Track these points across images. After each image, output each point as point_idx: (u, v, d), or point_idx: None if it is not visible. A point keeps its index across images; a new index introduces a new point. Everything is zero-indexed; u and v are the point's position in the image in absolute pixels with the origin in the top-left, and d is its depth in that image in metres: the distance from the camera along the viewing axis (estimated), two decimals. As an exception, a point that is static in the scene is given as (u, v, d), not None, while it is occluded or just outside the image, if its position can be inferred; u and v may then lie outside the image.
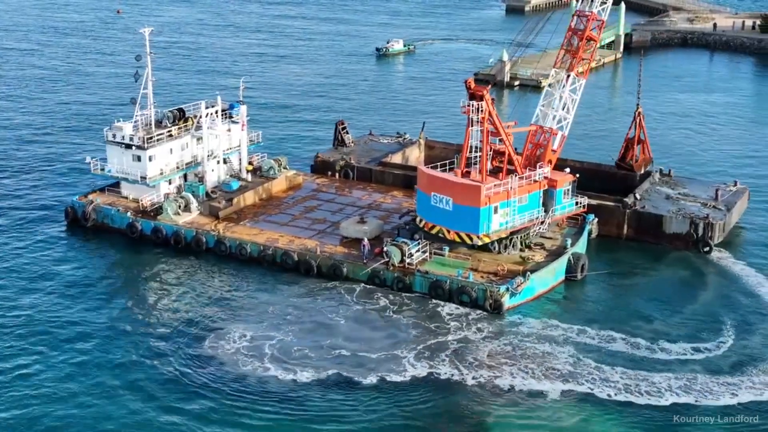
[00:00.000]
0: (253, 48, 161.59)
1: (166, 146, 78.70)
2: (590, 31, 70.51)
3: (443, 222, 68.42)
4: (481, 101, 66.56)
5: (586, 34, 70.53)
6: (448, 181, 68.04)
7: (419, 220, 70.53)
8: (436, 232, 69.06)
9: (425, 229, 69.66)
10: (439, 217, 68.60)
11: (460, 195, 67.09)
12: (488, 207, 66.83)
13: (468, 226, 67.44)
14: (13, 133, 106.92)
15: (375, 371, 56.67)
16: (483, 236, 67.49)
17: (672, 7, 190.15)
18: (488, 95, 67.26)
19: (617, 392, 54.76)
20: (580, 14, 70.87)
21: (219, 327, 62.02)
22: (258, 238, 72.81)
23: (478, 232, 67.31)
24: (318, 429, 51.43)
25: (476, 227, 67.22)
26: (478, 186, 66.66)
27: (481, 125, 67.09)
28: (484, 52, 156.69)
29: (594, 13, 70.24)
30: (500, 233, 68.20)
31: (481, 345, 60.14)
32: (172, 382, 55.66)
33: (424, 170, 70.81)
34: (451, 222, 67.95)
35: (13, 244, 74.96)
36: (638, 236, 76.26)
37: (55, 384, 55.24)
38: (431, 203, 68.62)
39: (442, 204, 67.92)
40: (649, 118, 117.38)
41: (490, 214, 67.13)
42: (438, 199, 68.12)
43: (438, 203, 68.17)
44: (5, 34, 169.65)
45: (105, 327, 62.19)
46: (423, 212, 70.29)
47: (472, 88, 67.06)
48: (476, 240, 67.60)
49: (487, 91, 67.14)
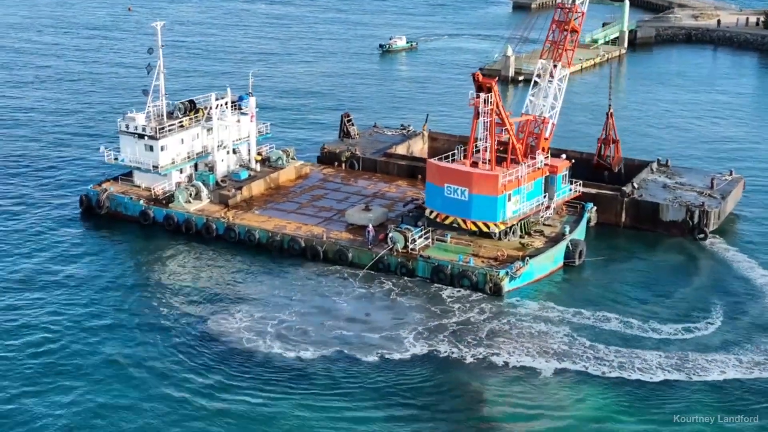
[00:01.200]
0: (261, 43, 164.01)
1: (178, 136, 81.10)
2: (573, 23, 72.82)
3: (458, 212, 70.23)
4: (489, 93, 68.77)
5: (571, 26, 72.89)
6: (464, 172, 69.77)
7: (430, 212, 72.09)
8: (450, 223, 70.96)
9: (438, 220, 71.33)
10: (453, 208, 70.33)
11: (477, 185, 69.00)
12: (504, 195, 69.22)
13: (485, 214, 69.53)
14: (29, 125, 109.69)
15: (377, 349, 58.92)
16: (500, 224, 69.81)
17: (677, 4, 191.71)
18: (496, 87, 69.56)
19: (610, 369, 56.92)
20: (561, 7, 73.29)
21: (227, 308, 64.41)
22: (266, 225, 75.18)
23: (495, 219, 69.57)
24: (321, 403, 53.58)
25: (494, 215, 69.47)
26: (495, 175, 68.89)
27: (489, 117, 69.29)
28: (488, 48, 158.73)
29: (576, 5, 72.71)
30: (514, 220, 70.70)
31: (480, 325, 62.37)
32: (181, 360, 57.89)
33: (436, 163, 72.25)
34: (466, 212, 69.86)
35: (29, 231, 77.38)
36: (636, 224, 78.38)
37: (67, 363, 57.40)
38: (444, 194, 70.31)
39: (456, 195, 69.74)
40: (652, 112, 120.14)
41: (505, 201, 69.47)
42: (452, 190, 69.90)
43: (452, 194, 69.97)
44: (20, 30, 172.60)
45: (117, 310, 64.50)
46: (434, 204, 71.72)
47: (479, 81, 69.20)
48: (493, 228, 69.81)
49: (494, 83, 69.44)
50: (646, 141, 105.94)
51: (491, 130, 69.73)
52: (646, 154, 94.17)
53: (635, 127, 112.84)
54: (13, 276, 69.10)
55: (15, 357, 57.98)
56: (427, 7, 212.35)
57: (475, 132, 70.35)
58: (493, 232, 70.11)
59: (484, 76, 71.63)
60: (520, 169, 70.67)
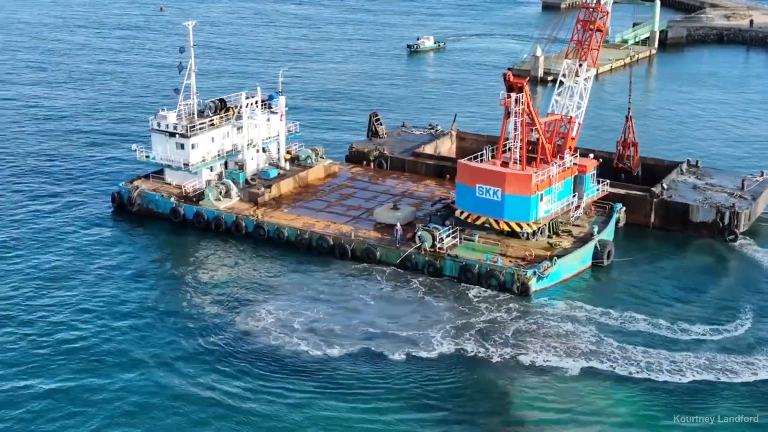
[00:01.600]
0: (290, 43, 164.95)
1: (208, 135, 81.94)
2: (598, 22, 72.60)
3: (490, 212, 70.16)
4: (520, 93, 68.81)
5: (596, 26, 72.68)
6: (497, 172, 69.68)
7: (460, 212, 72.00)
8: (482, 223, 70.97)
9: (469, 220, 71.27)
10: (485, 208, 70.22)
11: (510, 185, 68.96)
12: (537, 195, 69.34)
13: (518, 214, 69.61)
14: (63, 123, 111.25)
15: (404, 348, 59.14)
16: (533, 224, 69.93)
17: (709, 4, 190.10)
18: (527, 87, 69.59)
19: (638, 370, 56.74)
20: (586, 6, 73.01)
21: (255, 305, 64.96)
22: (295, 223, 75.76)
23: (528, 219, 69.65)
24: (347, 401, 53.82)
25: (527, 215, 69.53)
26: (529, 175, 68.94)
27: (520, 116, 69.32)
28: (517, 49, 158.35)
29: (602, 4, 72.46)
30: (546, 220, 70.84)
31: (507, 325, 62.42)
32: (208, 358, 58.37)
33: (467, 163, 72.04)
34: (499, 212, 69.83)
35: (63, 227, 78.56)
36: (665, 225, 78.00)
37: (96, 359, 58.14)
38: (476, 195, 70.23)
39: (489, 195, 69.73)
40: (682, 113, 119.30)
41: (537, 201, 69.61)
42: (484, 190, 69.86)
43: (484, 194, 69.93)
44: (54, 30, 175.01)
45: (146, 306, 65.23)
46: (465, 204, 71.52)
47: (510, 81, 69.24)
48: (526, 228, 69.89)
49: (526, 83, 69.48)
50: (675, 141, 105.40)
51: (523, 130, 69.74)
52: (676, 154, 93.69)
53: (665, 127, 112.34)
54: (45, 271, 70.15)
55: (47, 353, 58.80)
56: (456, 7, 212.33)
57: (505, 132, 70.35)
58: (525, 232, 70.13)
59: (513, 76, 71.61)
60: (552, 168, 70.68)
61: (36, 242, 75.37)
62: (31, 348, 59.23)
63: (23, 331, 61.34)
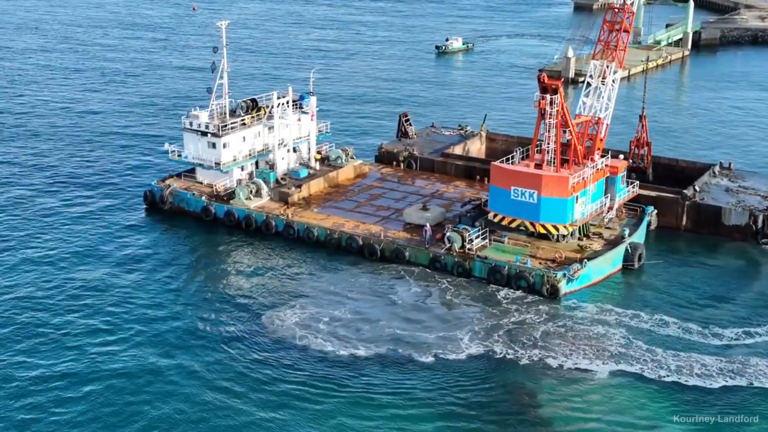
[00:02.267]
0: (320, 44, 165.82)
1: (240, 134, 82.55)
2: (624, 23, 72.14)
3: (526, 215, 69.92)
4: (555, 95, 68.65)
5: (623, 26, 72.21)
6: (534, 175, 69.40)
7: (494, 215, 71.73)
8: (517, 226, 70.73)
9: (504, 223, 71.00)
10: (521, 211, 69.98)
11: (547, 187, 68.76)
12: (573, 197, 69.22)
13: (555, 216, 69.45)
14: (97, 122, 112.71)
15: (432, 348, 59.17)
16: (569, 225, 69.81)
17: (743, 5, 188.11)
18: (562, 88, 69.39)
19: (668, 373, 56.30)
20: (613, 7, 72.46)
21: (283, 303, 65.32)
22: (325, 222, 76.08)
23: (565, 221, 69.53)
24: (376, 401, 53.93)
25: (564, 217, 69.42)
26: (566, 177, 68.79)
27: (555, 118, 69.12)
28: (547, 50, 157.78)
29: (628, 5, 71.98)
30: (582, 221, 70.76)
31: (536, 326, 62.26)
32: (236, 355, 58.72)
33: (502, 166, 71.58)
34: (535, 214, 69.62)
35: (97, 225, 79.54)
36: (697, 228, 77.37)
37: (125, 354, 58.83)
38: (511, 198, 69.95)
39: (524, 197, 69.50)
40: (715, 114, 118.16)
41: (574, 203, 69.57)
42: (520, 193, 69.65)
43: (520, 197, 69.71)
44: (88, 30, 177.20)
45: (177, 302, 65.94)
46: (499, 207, 71.16)
47: (545, 82, 69.14)
48: (562, 230, 69.78)
49: (560, 85, 69.26)
50: (708, 144, 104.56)
51: (558, 131, 69.54)
52: (708, 156, 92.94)
53: (698, 129, 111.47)
54: (79, 269, 71.04)
55: (78, 346, 59.67)
56: (487, 9, 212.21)
57: (538, 133, 70.13)
58: (562, 234, 70.00)
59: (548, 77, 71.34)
60: (586, 170, 70.50)
61: (69, 239, 76.38)
62: (64, 345, 60.05)
63: (57, 325, 62.27)
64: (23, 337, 60.58)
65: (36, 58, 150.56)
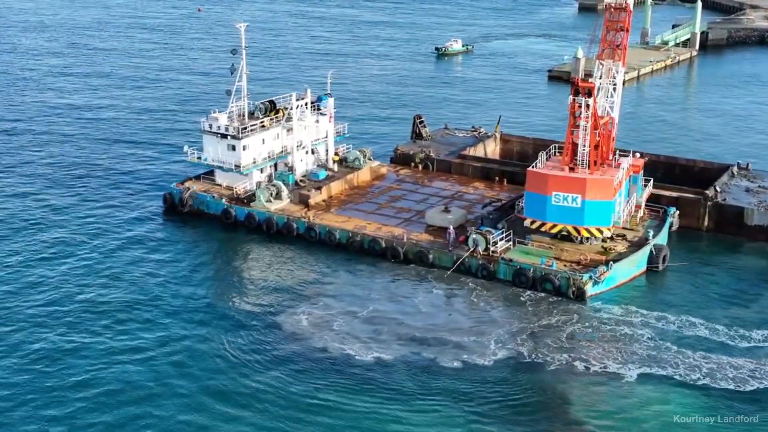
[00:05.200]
0: (321, 44, 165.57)
1: (259, 136, 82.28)
2: (626, 22, 71.83)
3: (569, 219, 69.48)
4: (589, 97, 68.45)
5: (626, 25, 72.01)
6: (577, 179, 68.88)
7: (531, 222, 71.13)
8: (558, 231, 70.40)
9: (543, 229, 70.44)
10: (563, 216, 69.52)
11: (592, 190, 68.41)
12: (615, 199, 69.35)
13: (599, 219, 69.30)
14: (115, 125, 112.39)
15: (458, 353, 58.85)
16: (612, 227, 69.98)
17: (749, 5, 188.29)
18: (595, 91, 69.21)
19: (700, 376, 56.11)
20: (614, 7, 72.02)
21: (308, 305, 65.09)
22: (346, 225, 75.84)
23: (608, 224, 69.52)
24: (404, 404, 53.63)
25: (607, 220, 69.35)
26: (610, 180, 68.68)
27: (587, 120, 68.93)
28: (552, 51, 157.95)
29: (629, 4, 71.84)
30: (621, 222, 70.95)
31: (563, 329, 62.07)
32: (258, 358, 58.31)
33: (540, 171, 70.56)
34: (579, 218, 69.26)
35: (116, 227, 79.22)
36: (719, 229, 77.33)
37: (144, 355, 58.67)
38: (552, 203, 69.38)
39: (567, 202, 69.10)
40: (727, 115, 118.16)
41: (616, 205, 69.81)
42: (562, 197, 69.18)
43: (561, 202, 69.22)
44: (96, 32, 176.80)
45: (197, 305, 65.48)
46: (537, 213, 70.40)
47: (578, 84, 68.88)
48: (606, 232, 69.80)
49: (594, 87, 69.09)
50: (722, 144, 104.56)
51: (591, 133, 69.41)
52: (718, 157, 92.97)
53: (710, 129, 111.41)
54: (99, 270, 70.70)
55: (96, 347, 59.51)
56: (492, 10, 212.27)
57: (570, 136, 69.97)
58: (605, 236, 70.03)
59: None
60: (621, 171, 70.61)
61: (89, 242, 76.07)
62: (83, 344, 59.96)
63: (78, 326, 62.12)
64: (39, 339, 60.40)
65: (48, 61, 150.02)
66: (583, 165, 70.22)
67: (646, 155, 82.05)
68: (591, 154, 69.95)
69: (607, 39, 72.55)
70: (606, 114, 72.50)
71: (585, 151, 70.01)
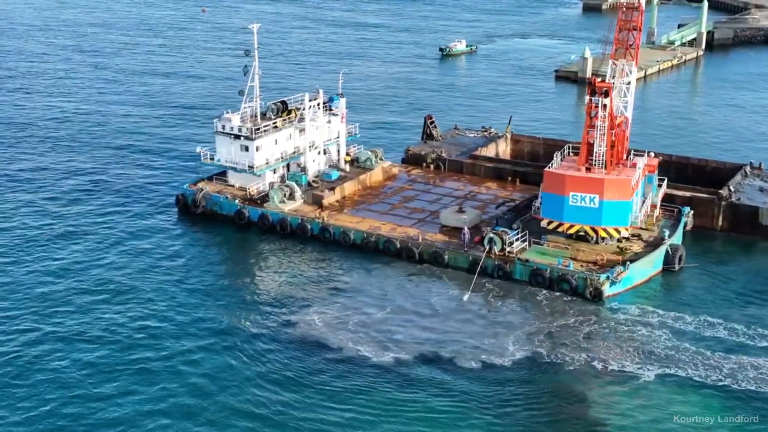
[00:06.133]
0: (328, 47, 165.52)
1: (272, 137, 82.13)
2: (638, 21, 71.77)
3: (587, 220, 69.39)
4: (606, 98, 68.41)
5: (639, 24, 71.87)
6: (595, 179, 68.77)
7: (548, 222, 71.11)
8: (576, 231, 70.32)
9: (560, 230, 70.40)
10: (581, 216, 69.43)
11: (610, 190, 68.33)
12: (633, 198, 69.31)
13: (617, 219, 69.25)
14: (126, 125, 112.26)
15: (477, 352, 58.72)
16: (630, 227, 69.96)
17: (753, 5, 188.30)
18: (612, 91, 69.14)
19: (721, 377, 55.97)
20: (627, 6, 71.92)
21: (324, 305, 64.97)
22: (361, 225, 75.70)
23: (626, 224, 69.53)
24: (422, 405, 53.52)
25: (625, 220, 69.35)
26: (628, 180, 68.65)
27: (603, 120, 68.85)
28: (556, 51, 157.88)
29: (641, 4, 71.77)
30: (639, 222, 70.92)
31: (580, 329, 61.98)
32: (273, 359, 58.06)
33: (557, 172, 70.43)
34: (597, 218, 69.16)
35: (128, 229, 79.02)
36: (733, 228, 77.26)
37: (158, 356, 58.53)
38: (569, 204, 69.34)
39: (585, 202, 69.05)
40: (735, 115, 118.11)
41: (633, 205, 69.79)
42: (580, 198, 69.11)
43: (579, 202, 69.15)
44: (101, 33, 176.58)
45: (212, 306, 65.37)
46: (554, 213, 70.32)
47: (595, 84, 68.84)
48: (624, 232, 69.78)
49: (611, 87, 69.03)
50: (731, 143, 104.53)
51: (608, 133, 69.35)
52: (731, 157, 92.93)
53: (719, 129, 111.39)
54: (113, 273, 70.48)
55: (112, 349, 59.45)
56: (496, 11, 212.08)
57: (586, 136, 69.89)
58: (623, 236, 69.97)
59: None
60: (637, 170, 70.60)
61: (102, 244, 75.89)
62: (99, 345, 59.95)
63: (93, 327, 62.06)
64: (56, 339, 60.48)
65: (56, 64, 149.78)
66: (599, 165, 70.18)
67: (660, 155, 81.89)
68: (607, 154, 69.92)
69: (619, 38, 72.52)
70: (620, 114, 72.45)
71: (601, 151, 69.97)
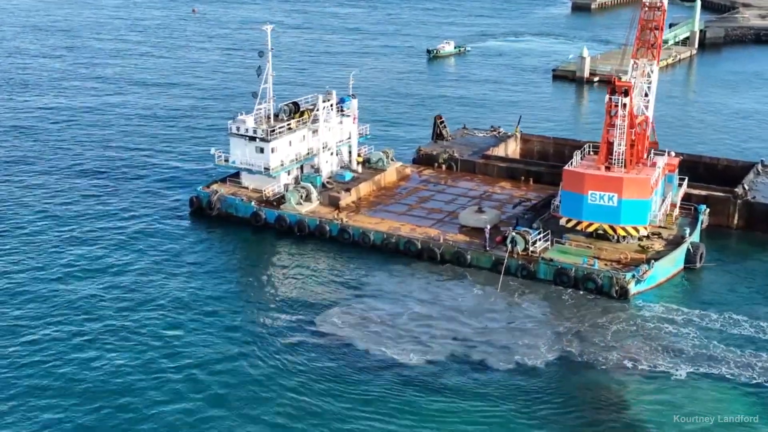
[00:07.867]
0: (325, 47, 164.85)
1: (286, 138, 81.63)
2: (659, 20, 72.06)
3: (606, 218, 69.69)
4: (626, 97, 68.51)
5: (661, 24, 72.19)
6: (614, 178, 69.07)
7: (566, 220, 71.25)
8: (595, 230, 70.54)
9: (579, 228, 70.64)
10: (600, 215, 69.73)
11: (629, 189, 68.60)
12: (652, 197, 69.49)
13: (636, 218, 69.50)
14: (140, 128, 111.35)
15: (508, 353, 58.66)
16: (649, 226, 70.12)
17: (741, 4, 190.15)
18: (632, 90, 69.28)
19: (752, 375, 56.12)
20: (649, 6, 72.19)
21: (346, 306, 64.68)
22: (380, 226, 75.37)
23: (645, 222, 69.69)
24: (457, 407, 53.32)
25: (644, 218, 69.56)
26: (647, 179, 68.83)
27: (623, 120, 68.99)
28: (550, 50, 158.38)
29: (663, 4, 72.13)
30: (657, 221, 71.18)
31: (608, 328, 62.08)
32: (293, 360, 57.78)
33: (576, 170, 70.65)
34: (616, 217, 69.44)
35: (143, 231, 78.23)
36: (749, 226, 77.82)
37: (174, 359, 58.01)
38: (588, 202, 69.54)
39: (604, 201, 69.29)
40: (733, 113, 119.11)
41: (653, 204, 70.01)
42: (599, 196, 69.33)
43: (598, 201, 69.37)
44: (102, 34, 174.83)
45: (236, 306, 65.04)
46: (573, 212, 70.68)
47: (615, 84, 68.91)
48: (643, 231, 69.97)
49: (631, 87, 69.15)
50: (735, 141, 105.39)
51: (628, 131, 69.51)
52: (736, 154, 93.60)
53: (720, 127, 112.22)
54: (130, 278, 69.62)
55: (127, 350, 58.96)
56: (486, 10, 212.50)
57: (606, 135, 70.06)
58: (642, 234, 70.19)
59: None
60: (657, 170, 70.78)
61: (116, 246, 75.10)
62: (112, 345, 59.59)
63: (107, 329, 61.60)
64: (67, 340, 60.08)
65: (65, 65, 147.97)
66: (619, 164, 70.41)
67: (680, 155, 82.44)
68: (627, 152, 70.13)
69: (641, 38, 72.75)
70: (641, 113, 72.72)
71: (621, 150, 70.18)
